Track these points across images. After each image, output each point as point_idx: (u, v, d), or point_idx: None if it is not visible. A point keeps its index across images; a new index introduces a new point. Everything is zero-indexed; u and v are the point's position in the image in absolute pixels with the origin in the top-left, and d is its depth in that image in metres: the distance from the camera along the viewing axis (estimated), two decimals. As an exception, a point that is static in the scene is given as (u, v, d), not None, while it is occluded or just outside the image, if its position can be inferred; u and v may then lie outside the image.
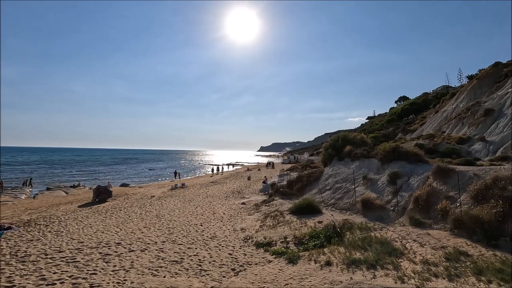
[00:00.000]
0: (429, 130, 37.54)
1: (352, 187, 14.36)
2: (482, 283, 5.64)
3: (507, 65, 35.81)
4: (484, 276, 5.86)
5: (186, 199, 21.44)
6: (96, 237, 11.14)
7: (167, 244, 10.08)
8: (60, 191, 28.29)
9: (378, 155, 15.30)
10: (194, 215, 15.43)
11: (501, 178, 9.09)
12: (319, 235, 9.78)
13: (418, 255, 7.34)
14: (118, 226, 12.95)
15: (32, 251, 9.27)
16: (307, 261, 7.81)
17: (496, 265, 6.25)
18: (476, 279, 5.81)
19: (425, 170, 12.39)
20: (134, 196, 23.96)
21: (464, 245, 7.58)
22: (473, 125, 26.70)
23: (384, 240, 8.56)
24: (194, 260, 8.42)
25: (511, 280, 5.59)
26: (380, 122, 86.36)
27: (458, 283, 5.76)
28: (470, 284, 5.66)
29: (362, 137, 21.04)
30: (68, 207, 18.73)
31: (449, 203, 9.57)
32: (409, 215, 10.31)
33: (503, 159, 17.71)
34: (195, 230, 12.02)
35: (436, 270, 6.39)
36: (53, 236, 11.35)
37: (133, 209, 17.45)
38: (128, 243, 10.23)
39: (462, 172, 10.69)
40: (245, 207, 17.42)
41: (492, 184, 9.03)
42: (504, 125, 22.44)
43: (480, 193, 8.92)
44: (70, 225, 13.21)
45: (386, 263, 7.02)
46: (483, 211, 8.05)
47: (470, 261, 6.62)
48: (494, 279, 5.70)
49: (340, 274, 6.74)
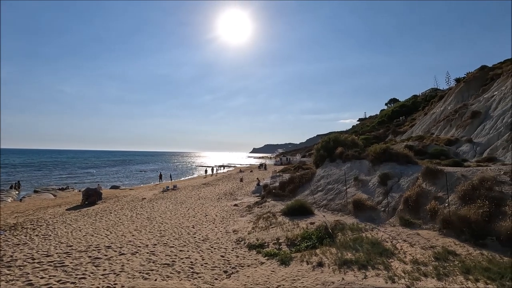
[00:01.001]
0: (418, 132, 38.24)
1: (344, 188, 14.50)
2: (470, 281, 5.76)
3: (493, 68, 36.84)
4: (471, 275, 5.99)
5: (178, 201, 21.25)
6: (85, 240, 10.93)
7: (159, 247, 9.97)
8: (48, 194, 27.67)
9: (369, 156, 15.49)
10: (186, 217, 15.31)
11: (487, 179, 9.33)
12: (311, 236, 9.83)
13: (408, 255, 7.45)
14: (108, 229, 12.74)
15: (18, 256, 9.03)
16: (299, 262, 7.83)
17: (483, 264, 6.39)
18: (464, 278, 5.93)
19: (415, 171, 12.60)
20: (124, 198, 23.62)
21: (453, 245, 7.73)
22: (460, 127, 27.33)
23: (375, 241, 8.66)
24: (186, 262, 8.35)
25: (497, 278, 5.72)
26: (371, 123, 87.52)
27: (446, 282, 5.87)
28: (458, 283, 5.78)
29: (353, 138, 21.29)
30: (56, 210, 18.33)
31: (438, 203, 9.75)
32: (399, 216, 10.46)
33: (489, 160, 18.18)
34: (187, 233, 11.93)
35: (426, 269, 6.49)
36: (40, 240, 11.09)
37: (124, 212, 17.20)
38: (119, 246, 10.07)
39: (450, 173, 10.92)
40: (237, 208, 17.37)
41: (478, 184, 9.25)
42: (490, 127, 23.04)
43: (467, 194, 9.12)
44: (59, 229, 12.93)
45: (377, 263, 7.10)
46: (470, 211, 8.24)
47: (458, 261, 6.75)
48: (481, 277, 5.83)
49: (332, 274, 6.78)
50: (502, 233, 7.31)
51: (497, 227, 7.59)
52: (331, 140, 20.40)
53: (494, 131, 22.23)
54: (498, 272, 5.90)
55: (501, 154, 19.01)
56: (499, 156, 18.86)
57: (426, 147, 23.11)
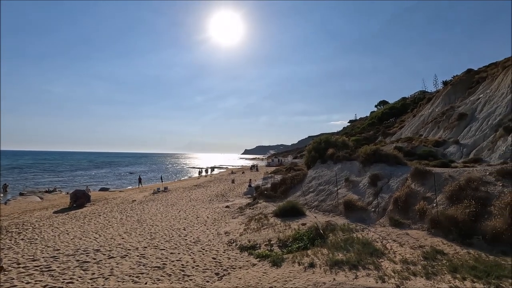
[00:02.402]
0: (407, 134, 38.93)
1: (335, 189, 14.62)
2: (457, 280, 5.88)
3: (479, 72, 37.87)
4: (459, 273, 6.12)
5: (168, 203, 21.02)
6: (73, 244, 10.69)
7: (149, 249, 9.84)
8: (34, 197, 26.97)
9: (360, 157, 15.68)
10: (177, 219, 15.15)
11: (473, 179, 9.56)
12: (302, 237, 9.87)
13: (398, 255, 7.57)
14: (97, 232, 12.50)
15: (3, 260, 8.76)
16: (291, 264, 7.85)
17: (470, 262, 6.54)
18: (452, 276, 6.05)
19: (404, 172, 12.82)
20: (114, 200, 23.23)
21: (441, 244, 7.88)
22: (448, 128, 27.96)
23: (366, 241, 8.76)
24: (177, 265, 8.26)
25: (483, 276, 5.86)
26: (361, 125, 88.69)
27: (435, 281, 5.98)
28: (446, 281, 5.89)
29: (344, 140, 21.51)
30: (43, 213, 17.88)
31: (426, 203, 9.94)
32: (389, 216, 10.61)
33: (475, 161, 18.66)
34: (178, 235, 11.81)
35: (415, 269, 6.60)
36: (26, 244, 10.80)
37: (113, 214, 16.91)
38: (108, 249, 9.89)
39: (438, 173, 11.15)
40: (229, 210, 17.30)
41: (465, 185, 9.48)
42: (476, 129, 23.66)
43: (455, 194, 9.33)
44: (45, 232, 12.61)
45: (367, 263, 7.17)
46: (458, 211, 8.42)
47: (446, 260, 6.89)
48: (468, 276, 5.96)
49: (323, 275, 6.82)
50: (488, 232, 7.49)
51: (483, 227, 7.78)
52: (322, 141, 20.56)
53: (480, 132, 22.83)
54: (484, 271, 6.05)
55: (487, 155, 19.54)
56: (485, 157, 19.37)
57: (414, 148, 23.55)
